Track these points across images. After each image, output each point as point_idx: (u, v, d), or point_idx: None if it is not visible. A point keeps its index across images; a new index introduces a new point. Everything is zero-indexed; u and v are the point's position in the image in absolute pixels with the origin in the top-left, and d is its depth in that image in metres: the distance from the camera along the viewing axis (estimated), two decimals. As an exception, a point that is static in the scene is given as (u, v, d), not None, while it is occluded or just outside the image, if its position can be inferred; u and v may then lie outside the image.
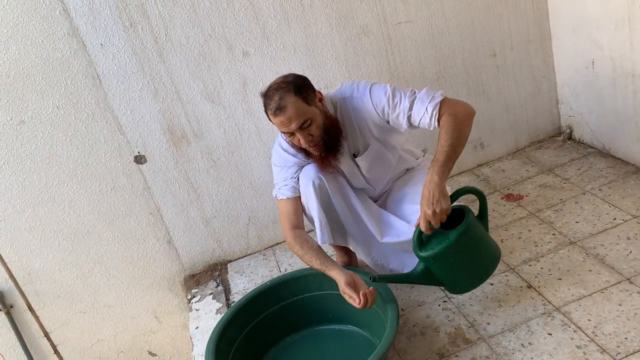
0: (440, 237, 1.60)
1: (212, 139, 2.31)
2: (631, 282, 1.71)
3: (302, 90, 1.67)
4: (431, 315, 1.83)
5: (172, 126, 2.25)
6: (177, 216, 2.39)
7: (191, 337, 2.09)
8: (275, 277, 2.06)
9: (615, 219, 2.03)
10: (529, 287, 1.82)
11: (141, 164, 2.27)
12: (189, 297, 2.35)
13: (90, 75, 2.10)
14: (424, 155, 2.11)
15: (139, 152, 2.25)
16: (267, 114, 1.70)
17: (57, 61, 2.05)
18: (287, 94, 1.65)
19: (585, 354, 1.51)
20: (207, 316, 2.18)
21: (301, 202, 1.87)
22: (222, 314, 1.95)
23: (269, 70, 2.26)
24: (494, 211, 2.30)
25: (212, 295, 2.31)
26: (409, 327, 1.80)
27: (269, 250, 2.54)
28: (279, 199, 1.90)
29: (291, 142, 1.77)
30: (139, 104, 2.18)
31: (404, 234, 1.82)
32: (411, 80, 2.45)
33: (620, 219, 2.02)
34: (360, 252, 1.94)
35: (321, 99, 1.75)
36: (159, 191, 2.33)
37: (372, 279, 1.62)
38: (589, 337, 1.56)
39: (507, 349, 1.60)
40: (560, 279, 1.81)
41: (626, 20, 2.11)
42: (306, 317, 1.89)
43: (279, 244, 2.56)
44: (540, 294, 1.77)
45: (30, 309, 2.36)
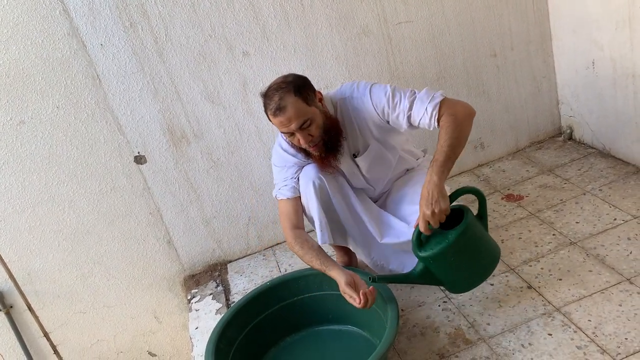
0: (439, 237, 1.60)
1: (212, 139, 2.31)
2: (631, 283, 1.71)
3: (302, 90, 1.67)
4: (431, 315, 1.83)
5: (172, 126, 2.25)
6: (177, 216, 2.39)
7: (191, 338, 2.09)
8: (275, 277, 2.06)
9: (615, 219, 2.03)
10: (529, 287, 1.82)
11: (141, 164, 2.27)
12: (189, 297, 2.35)
13: (90, 75, 2.10)
14: (424, 155, 2.11)
15: (138, 152, 2.25)
16: (267, 114, 1.70)
17: (57, 61, 2.05)
18: (287, 94, 1.64)
19: (585, 354, 1.51)
20: (207, 316, 2.17)
21: (301, 202, 1.88)
22: (222, 314, 1.95)
23: (269, 70, 2.26)
24: (494, 211, 2.29)
25: (212, 295, 2.31)
26: (409, 328, 1.80)
27: (269, 250, 2.54)
28: (279, 199, 1.90)
29: (291, 142, 1.77)
30: (139, 104, 2.18)
31: (404, 234, 1.82)
32: (411, 80, 2.45)
33: (620, 219, 2.02)
34: (360, 252, 1.94)
35: (321, 99, 1.75)
36: (159, 191, 2.33)
37: (371, 279, 1.62)
38: (589, 337, 1.56)
39: (507, 350, 1.60)
40: (560, 280, 1.81)
41: (626, 20, 2.11)
42: (306, 318, 1.89)
43: (279, 244, 2.56)
44: (540, 294, 1.77)
45: (30, 309, 2.36)
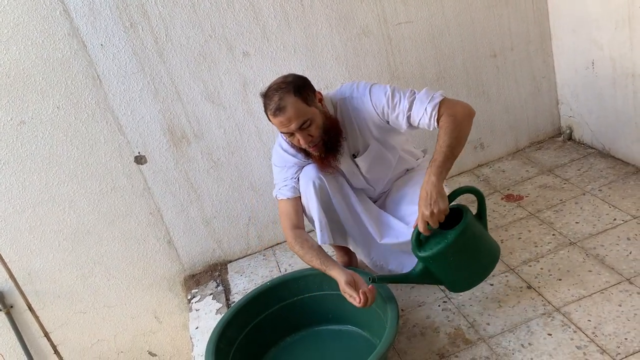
0: (438, 237, 1.60)
1: (212, 139, 2.31)
2: (631, 283, 1.71)
3: (302, 90, 1.67)
4: (431, 315, 1.83)
5: (173, 126, 2.25)
6: (177, 216, 2.39)
7: (191, 337, 2.09)
8: (275, 277, 2.06)
9: (615, 219, 2.03)
10: (529, 287, 1.82)
11: (141, 164, 2.27)
12: (189, 297, 2.35)
13: (90, 75, 2.10)
14: (424, 155, 2.11)
15: (139, 153, 2.26)
16: (266, 114, 1.70)
17: (58, 61, 2.06)
18: (286, 95, 1.65)
19: (585, 354, 1.51)
20: (207, 316, 2.18)
21: (301, 202, 1.88)
22: (222, 314, 1.95)
23: (269, 70, 2.26)
24: (494, 212, 2.29)
25: (212, 295, 2.32)
26: (409, 328, 1.80)
27: (269, 250, 2.54)
28: (279, 199, 1.90)
29: (291, 142, 1.77)
30: (139, 104, 2.19)
31: (403, 235, 1.82)
32: (411, 80, 2.45)
33: (620, 219, 2.02)
34: (360, 252, 1.94)
35: (321, 100, 1.75)
36: (159, 191, 2.33)
37: (371, 279, 1.62)
38: (588, 337, 1.56)
39: (507, 350, 1.60)
40: (560, 280, 1.81)
41: (626, 20, 2.11)
42: (306, 318, 1.89)
43: (279, 244, 2.56)
44: (540, 294, 1.77)
45: (30, 309, 2.36)
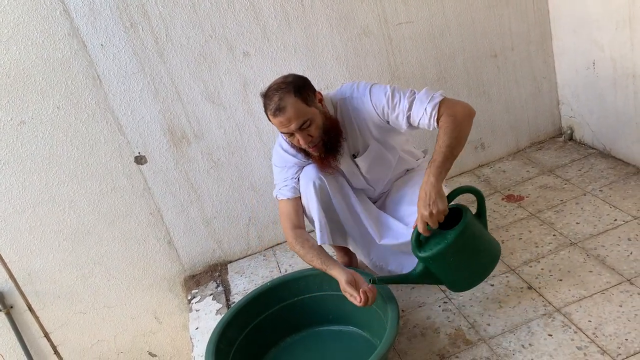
0: (438, 238, 1.59)
1: (213, 139, 2.31)
2: (632, 283, 1.71)
3: (302, 90, 1.67)
4: (431, 316, 1.82)
5: (173, 127, 2.25)
6: (177, 217, 2.39)
7: (191, 338, 2.09)
8: (275, 277, 2.06)
9: (615, 220, 2.03)
10: (530, 288, 1.82)
11: (141, 165, 2.27)
12: (189, 297, 2.35)
13: (90, 75, 2.10)
14: (425, 156, 2.11)
15: (139, 153, 2.25)
16: (266, 114, 1.70)
17: (58, 61, 2.05)
18: (286, 95, 1.64)
19: (585, 355, 1.50)
20: (207, 317, 2.17)
21: (301, 202, 1.87)
22: (222, 315, 1.94)
23: (270, 70, 2.26)
24: (494, 212, 2.29)
25: (212, 295, 2.31)
26: (410, 328, 1.80)
27: (269, 250, 2.54)
28: (279, 200, 1.90)
29: (291, 142, 1.77)
30: (139, 104, 2.18)
31: (402, 235, 1.82)
32: (412, 80, 2.45)
33: (620, 220, 2.02)
34: (359, 253, 1.94)
35: (321, 100, 1.75)
36: (159, 192, 2.33)
37: (371, 280, 1.61)
38: (589, 338, 1.55)
39: (507, 350, 1.60)
40: (560, 280, 1.81)
41: (627, 20, 2.11)
42: (306, 318, 1.89)
43: (279, 244, 2.56)
44: (540, 295, 1.77)
45: (30, 309, 2.36)
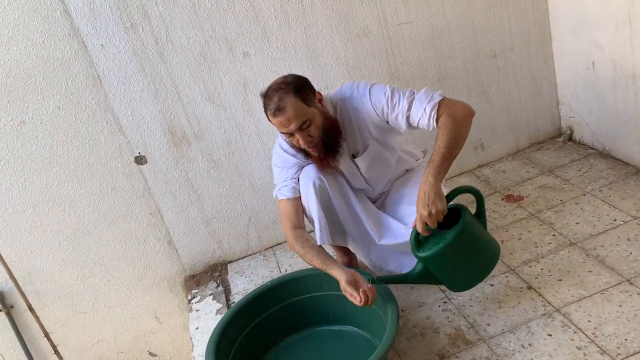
0: (437, 238, 1.60)
1: (213, 139, 2.31)
2: (631, 283, 1.71)
3: (302, 91, 1.67)
4: (431, 316, 1.83)
5: (173, 127, 2.25)
6: (177, 217, 2.39)
7: (191, 338, 2.09)
8: (275, 277, 2.06)
9: (615, 220, 2.03)
10: (529, 288, 1.82)
11: (142, 165, 2.28)
12: (189, 297, 2.35)
13: (90, 75, 2.11)
14: (424, 156, 2.11)
15: (139, 153, 2.26)
16: (266, 114, 1.70)
17: (58, 62, 2.06)
18: (286, 95, 1.65)
19: (585, 355, 1.51)
20: (207, 317, 2.18)
21: (301, 202, 1.88)
22: (222, 315, 1.95)
23: (270, 71, 2.26)
24: (494, 212, 2.29)
25: (212, 295, 2.31)
26: (409, 328, 1.80)
27: (269, 250, 2.54)
28: (279, 200, 1.90)
29: (291, 142, 1.77)
30: (139, 104, 2.19)
31: (402, 235, 1.82)
32: (412, 81, 2.45)
33: (620, 220, 2.02)
34: (359, 253, 1.94)
35: (321, 100, 1.75)
36: (160, 192, 2.33)
37: (371, 280, 1.62)
38: (589, 338, 1.56)
39: (507, 350, 1.60)
40: (560, 280, 1.81)
41: (626, 21, 2.11)
42: (306, 318, 1.89)
43: (279, 244, 2.56)
44: (540, 295, 1.77)
45: (30, 309, 2.36)
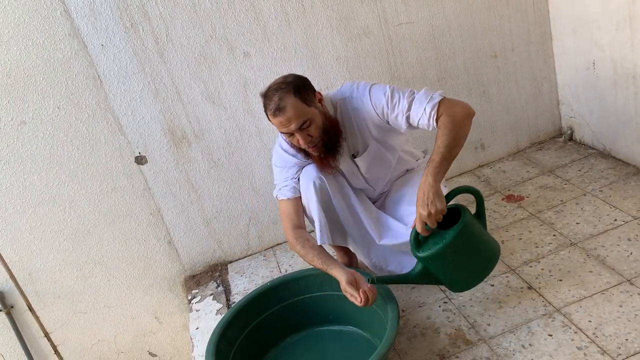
0: (437, 237, 1.59)
1: (213, 139, 2.31)
2: (632, 284, 1.71)
3: (302, 90, 1.67)
4: (431, 316, 1.82)
5: (173, 127, 2.25)
6: (177, 217, 2.39)
7: (191, 338, 2.09)
8: (275, 277, 2.06)
9: (615, 220, 2.03)
10: (530, 288, 1.82)
11: (142, 165, 2.27)
12: (189, 297, 2.35)
13: (91, 75, 2.11)
14: (424, 156, 2.11)
15: (139, 153, 2.26)
16: (266, 114, 1.70)
17: (58, 62, 2.06)
18: (286, 95, 1.65)
19: (585, 355, 1.51)
20: (208, 317, 2.17)
21: (302, 202, 1.88)
22: (223, 315, 1.95)
23: (270, 71, 2.26)
24: (494, 212, 2.29)
25: (212, 295, 2.31)
26: (410, 328, 1.80)
27: (270, 250, 2.54)
28: (279, 200, 1.90)
29: (291, 142, 1.77)
30: (139, 104, 2.19)
31: (402, 236, 1.82)
32: (412, 81, 2.45)
33: (620, 220, 2.02)
34: (359, 253, 1.94)
35: (321, 100, 1.75)
36: (160, 192, 2.33)
37: (370, 280, 1.61)
38: (589, 338, 1.56)
39: (507, 350, 1.60)
40: (560, 280, 1.81)
41: (627, 20, 2.11)
42: (306, 318, 1.89)
43: (279, 244, 2.56)
44: (540, 295, 1.77)
45: (30, 309, 2.36)
